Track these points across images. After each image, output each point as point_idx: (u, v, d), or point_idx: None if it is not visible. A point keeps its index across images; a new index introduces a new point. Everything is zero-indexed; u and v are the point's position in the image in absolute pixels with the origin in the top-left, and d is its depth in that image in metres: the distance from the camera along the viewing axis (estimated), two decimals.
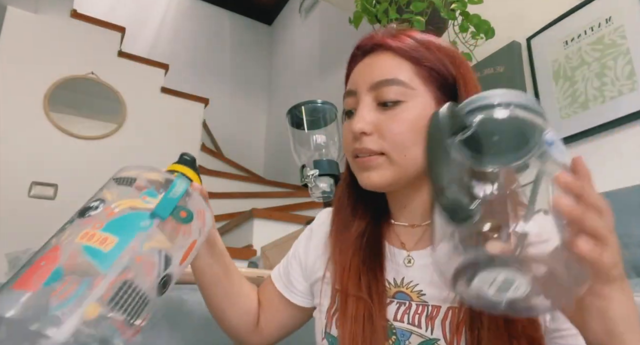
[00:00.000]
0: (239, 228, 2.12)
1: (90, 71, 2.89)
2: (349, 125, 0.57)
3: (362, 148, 0.55)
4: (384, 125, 0.54)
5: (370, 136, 0.54)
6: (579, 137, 1.37)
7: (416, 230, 0.60)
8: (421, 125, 0.52)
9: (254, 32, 4.60)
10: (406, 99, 0.54)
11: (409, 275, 0.57)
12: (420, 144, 0.53)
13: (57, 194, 2.59)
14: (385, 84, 0.54)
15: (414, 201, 0.59)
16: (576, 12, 1.44)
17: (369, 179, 0.55)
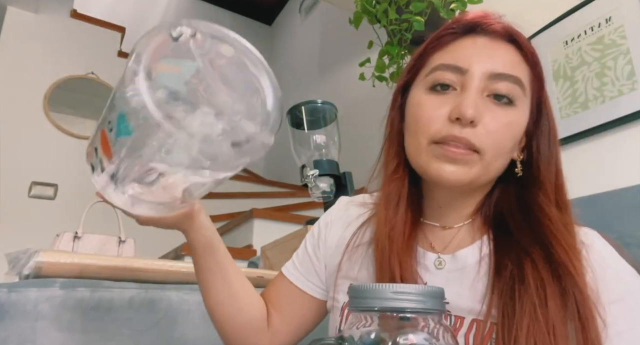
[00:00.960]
0: (239, 228, 2.12)
1: (90, 71, 2.89)
2: (441, 102, 0.50)
3: (463, 137, 0.47)
4: (493, 123, 0.48)
5: (476, 129, 0.48)
6: (579, 137, 1.36)
7: (447, 233, 0.56)
8: (518, 134, 0.51)
9: (254, 32, 4.60)
10: (518, 103, 0.50)
11: (435, 278, 0.53)
12: (510, 153, 0.51)
13: (57, 194, 2.59)
14: (507, 79, 0.49)
15: (455, 202, 0.55)
16: (576, 12, 1.44)
17: (453, 173, 0.48)
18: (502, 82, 0.49)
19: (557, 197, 0.52)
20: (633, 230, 0.87)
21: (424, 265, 0.55)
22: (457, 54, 0.51)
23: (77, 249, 1.31)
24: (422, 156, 0.50)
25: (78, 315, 0.71)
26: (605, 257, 0.48)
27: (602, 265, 0.47)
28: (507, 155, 0.51)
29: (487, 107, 0.49)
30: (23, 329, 0.66)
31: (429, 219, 0.57)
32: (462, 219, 0.56)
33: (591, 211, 1.02)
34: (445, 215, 0.56)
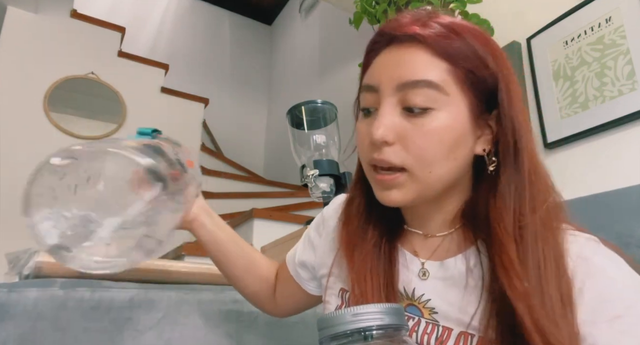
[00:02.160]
0: (239, 228, 2.12)
1: (90, 71, 2.89)
2: (366, 127, 0.50)
3: (381, 159, 0.47)
4: (409, 136, 0.46)
5: (392, 147, 0.47)
6: (579, 137, 1.36)
7: (431, 241, 0.54)
8: (451, 137, 0.46)
9: (254, 32, 4.60)
10: (437, 106, 0.46)
11: (421, 287, 0.52)
12: (447, 159, 0.47)
13: None
14: (415, 86, 0.46)
15: (433, 213, 0.54)
16: (576, 12, 1.44)
17: (389, 197, 0.48)
18: (411, 91, 0.46)
19: (530, 195, 0.48)
20: (633, 230, 0.87)
21: (410, 269, 0.54)
22: (373, 74, 0.50)
23: None
24: (371, 183, 0.52)
25: (78, 315, 0.71)
26: (606, 270, 0.44)
27: (600, 280, 0.43)
28: (446, 162, 0.47)
29: (405, 121, 0.47)
30: (23, 329, 0.66)
31: (411, 227, 0.56)
32: (445, 228, 0.53)
33: (591, 211, 1.01)
34: (428, 225, 0.54)
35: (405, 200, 0.48)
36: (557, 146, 1.43)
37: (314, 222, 0.70)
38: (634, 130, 1.25)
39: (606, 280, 0.43)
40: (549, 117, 1.46)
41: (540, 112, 1.49)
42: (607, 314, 0.41)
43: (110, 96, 2.92)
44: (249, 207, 2.14)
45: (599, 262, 0.44)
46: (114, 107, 2.92)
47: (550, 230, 0.46)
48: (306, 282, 0.68)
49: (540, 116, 1.49)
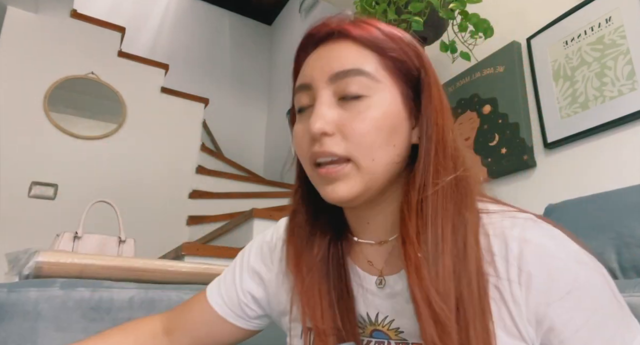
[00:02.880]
0: (239, 228, 2.12)
1: (90, 71, 2.89)
2: (303, 125, 0.49)
3: (323, 151, 0.46)
4: (348, 124, 0.46)
5: (332, 137, 0.46)
6: (579, 137, 1.36)
7: (384, 248, 0.52)
8: (388, 123, 0.46)
9: (254, 32, 4.60)
10: (371, 94, 0.46)
11: (382, 306, 0.49)
12: (387, 145, 0.47)
13: (57, 194, 2.59)
14: (348, 75, 0.46)
15: (379, 215, 0.51)
16: (576, 12, 1.44)
17: (335, 192, 0.46)
18: (345, 80, 0.46)
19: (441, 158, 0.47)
20: (633, 230, 0.87)
21: (365, 288, 0.51)
22: (304, 73, 0.51)
23: (77, 249, 1.31)
24: (316, 184, 0.49)
25: (78, 315, 0.71)
26: (550, 249, 0.43)
27: (546, 261, 0.42)
28: (387, 149, 0.47)
29: (341, 110, 0.47)
30: (23, 329, 0.66)
31: (361, 237, 0.53)
32: (395, 228, 0.50)
33: (591, 211, 1.01)
34: (377, 231, 0.52)
35: (352, 193, 0.46)
36: (557, 146, 1.43)
37: (254, 252, 0.62)
38: (634, 130, 1.25)
39: (552, 259, 0.43)
40: (549, 117, 1.46)
41: (540, 112, 1.49)
42: (558, 292, 0.41)
43: (110, 96, 2.92)
44: (249, 207, 2.14)
45: (542, 242, 0.44)
46: (114, 107, 2.92)
47: (452, 203, 0.45)
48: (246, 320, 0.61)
49: (540, 116, 1.49)
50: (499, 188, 1.61)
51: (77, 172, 2.67)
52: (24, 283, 0.71)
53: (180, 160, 3.06)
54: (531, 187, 1.49)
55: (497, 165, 1.58)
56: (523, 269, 0.42)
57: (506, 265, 0.43)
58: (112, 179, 2.74)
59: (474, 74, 1.76)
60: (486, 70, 1.70)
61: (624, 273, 0.84)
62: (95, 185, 2.64)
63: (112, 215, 1.46)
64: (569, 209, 1.08)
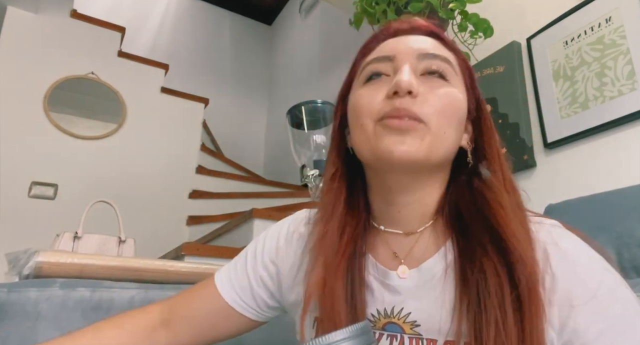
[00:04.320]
0: (239, 228, 2.12)
1: (90, 71, 2.89)
2: (374, 89, 0.48)
3: (402, 108, 0.45)
4: (431, 93, 0.47)
5: (415, 99, 0.46)
6: (579, 137, 1.36)
7: (410, 239, 0.51)
8: (460, 109, 0.49)
9: (254, 32, 4.60)
10: (450, 80, 0.49)
11: (401, 300, 0.49)
12: (457, 127, 0.49)
13: (57, 194, 2.59)
14: (436, 58, 0.49)
15: (415, 203, 0.51)
16: (576, 12, 1.44)
17: (404, 143, 0.45)
18: (431, 61, 0.49)
19: (505, 179, 0.50)
20: (633, 230, 0.87)
21: (385, 284, 0.50)
22: (384, 48, 0.52)
23: (77, 249, 1.31)
24: (371, 140, 0.47)
25: (78, 315, 0.71)
26: (575, 254, 0.45)
27: (571, 264, 0.44)
28: (455, 130, 0.48)
29: (423, 82, 0.48)
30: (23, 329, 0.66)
31: (388, 226, 0.52)
32: (424, 220, 0.51)
33: (591, 211, 1.01)
34: (405, 218, 0.51)
35: (418, 152, 0.45)
36: (557, 146, 1.43)
37: (269, 243, 0.60)
38: (634, 130, 1.25)
39: (576, 264, 0.44)
40: (549, 117, 1.46)
41: (540, 112, 1.49)
42: (583, 296, 0.42)
43: (110, 96, 2.92)
44: (249, 207, 2.14)
45: (568, 247, 0.45)
46: (114, 107, 2.92)
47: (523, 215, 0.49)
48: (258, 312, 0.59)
49: (540, 116, 1.49)
50: None
51: (77, 172, 2.67)
52: (24, 283, 0.71)
53: (180, 160, 3.06)
54: (531, 187, 1.49)
55: None
56: (548, 272, 0.43)
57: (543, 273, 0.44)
58: (112, 179, 2.74)
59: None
60: (486, 70, 1.70)
61: (624, 273, 0.84)
62: (95, 185, 2.64)
63: (112, 215, 1.46)
64: (569, 209, 1.08)
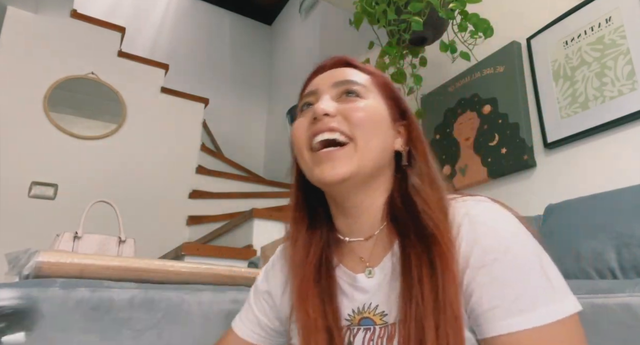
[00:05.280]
0: (239, 228, 2.12)
1: (90, 71, 2.89)
2: (304, 118, 0.58)
3: (325, 126, 0.54)
4: (347, 111, 0.55)
5: (334, 118, 0.54)
6: (579, 137, 1.36)
7: (369, 242, 0.58)
8: (378, 117, 0.56)
9: (254, 32, 4.60)
10: (364, 96, 0.57)
11: (371, 297, 0.55)
12: (380, 135, 0.55)
13: (57, 194, 2.58)
14: (346, 83, 0.57)
15: (366, 213, 0.57)
16: (576, 12, 1.44)
17: (334, 169, 0.52)
18: (345, 86, 0.57)
19: (428, 176, 0.56)
20: (633, 230, 0.87)
21: (356, 287, 0.56)
22: (311, 84, 0.61)
23: (77, 249, 1.31)
24: (309, 167, 0.56)
25: (78, 315, 0.71)
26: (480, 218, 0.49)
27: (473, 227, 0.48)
28: (379, 137, 0.55)
29: (341, 102, 0.56)
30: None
31: (352, 236, 0.59)
32: (378, 223, 0.57)
33: (591, 211, 1.01)
34: (362, 226, 0.58)
35: (347, 172, 0.52)
36: (557, 146, 1.43)
37: (261, 278, 0.70)
38: (634, 130, 1.25)
39: (481, 226, 0.48)
40: (549, 117, 1.46)
41: (540, 112, 1.49)
42: (483, 258, 0.46)
43: (110, 96, 2.91)
44: (249, 207, 2.14)
45: (477, 213, 0.50)
46: (114, 107, 2.92)
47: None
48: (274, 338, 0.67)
49: (540, 116, 1.49)
50: (499, 188, 1.61)
51: (77, 172, 2.67)
52: (24, 283, 0.71)
53: (180, 160, 3.06)
54: (531, 187, 1.49)
55: (497, 165, 1.58)
56: (458, 235, 0.49)
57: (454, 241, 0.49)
58: (112, 179, 2.74)
59: (474, 74, 1.76)
60: (486, 70, 1.70)
61: (624, 273, 0.84)
62: (95, 185, 2.64)
63: (112, 215, 1.46)
64: (569, 209, 1.08)
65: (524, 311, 0.42)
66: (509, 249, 0.46)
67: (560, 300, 0.43)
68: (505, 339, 0.42)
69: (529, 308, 0.42)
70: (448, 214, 0.51)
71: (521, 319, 0.42)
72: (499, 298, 0.44)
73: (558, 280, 0.45)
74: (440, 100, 1.91)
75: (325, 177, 0.53)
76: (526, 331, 0.42)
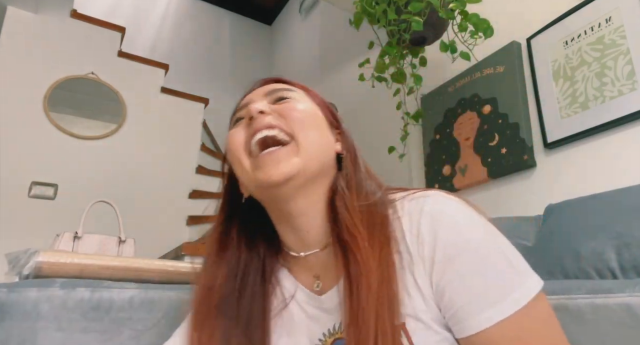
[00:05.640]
0: None
1: (90, 71, 2.89)
2: (239, 127, 0.57)
3: (262, 124, 0.52)
4: (284, 110, 0.54)
5: (270, 115, 0.53)
6: (579, 137, 1.37)
7: (327, 252, 0.54)
8: (313, 115, 0.56)
9: (254, 32, 4.60)
10: (297, 98, 0.57)
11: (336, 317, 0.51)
12: (318, 129, 0.55)
13: (57, 194, 2.59)
14: (280, 91, 0.57)
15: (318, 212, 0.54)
16: (576, 12, 1.44)
17: (278, 168, 0.50)
18: (277, 93, 0.57)
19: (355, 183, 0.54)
20: (633, 230, 0.87)
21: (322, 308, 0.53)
22: (243, 100, 0.61)
23: (77, 249, 1.31)
24: (250, 172, 0.52)
25: (78, 315, 0.71)
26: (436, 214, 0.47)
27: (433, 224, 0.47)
28: (318, 132, 0.54)
29: (276, 106, 0.55)
30: (23, 329, 0.66)
31: (306, 250, 0.55)
32: (328, 235, 0.54)
33: (591, 211, 1.01)
34: (314, 236, 0.54)
35: (295, 168, 0.50)
36: (557, 146, 1.43)
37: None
38: (634, 130, 1.25)
39: (444, 223, 0.46)
40: (549, 117, 1.46)
41: (540, 112, 1.49)
42: (450, 255, 0.45)
43: (110, 96, 2.91)
44: None
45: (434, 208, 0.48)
46: (114, 107, 2.92)
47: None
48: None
49: (540, 116, 1.49)
50: (498, 188, 1.61)
51: (77, 172, 2.67)
52: (24, 283, 0.71)
53: (180, 160, 3.06)
54: (531, 187, 1.49)
55: (497, 165, 1.58)
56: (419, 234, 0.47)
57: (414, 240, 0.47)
58: (112, 179, 2.74)
59: (474, 74, 1.76)
60: (486, 70, 1.70)
61: (624, 273, 0.84)
62: (95, 185, 2.64)
63: (112, 215, 1.46)
64: (569, 209, 1.08)
65: (496, 302, 0.42)
66: (469, 242, 0.45)
67: (526, 281, 0.44)
68: (483, 335, 0.42)
69: (499, 298, 0.42)
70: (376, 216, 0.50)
71: (494, 311, 0.42)
72: (469, 293, 0.43)
73: (518, 261, 0.45)
74: (440, 100, 1.91)
75: (271, 176, 0.50)
76: (502, 322, 0.41)
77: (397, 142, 1.88)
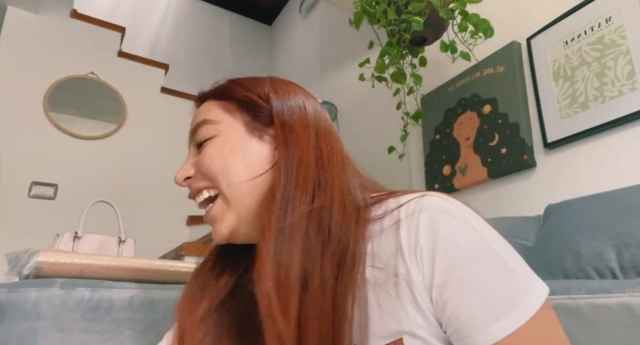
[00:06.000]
0: None
1: (90, 71, 2.89)
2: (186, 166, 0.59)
3: (193, 189, 0.56)
4: (199, 165, 0.55)
5: (194, 178, 0.56)
6: (579, 137, 1.36)
7: None
8: (229, 147, 0.54)
9: (254, 32, 4.60)
10: (216, 133, 0.55)
11: None
12: (237, 167, 0.53)
13: (57, 194, 2.59)
14: (197, 128, 0.57)
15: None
16: (576, 12, 1.44)
17: (217, 232, 0.54)
18: (197, 133, 0.57)
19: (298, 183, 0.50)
20: (633, 230, 0.87)
21: None
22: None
23: (77, 249, 1.31)
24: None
25: (78, 315, 0.71)
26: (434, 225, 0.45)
27: (431, 231, 0.44)
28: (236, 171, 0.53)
29: (197, 157, 0.56)
30: (23, 329, 0.66)
31: None
32: None
33: (591, 211, 1.01)
34: None
35: (229, 228, 0.53)
36: (557, 146, 1.43)
37: None
38: (634, 130, 1.25)
39: (442, 230, 0.44)
40: (549, 117, 1.46)
41: (540, 112, 1.49)
42: (452, 266, 0.43)
43: (110, 96, 2.92)
44: None
45: (428, 216, 0.45)
46: (114, 107, 2.92)
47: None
48: None
49: (540, 116, 1.49)
50: (499, 188, 1.61)
51: (77, 172, 2.67)
52: (24, 283, 0.71)
53: (180, 160, 3.05)
54: (531, 187, 1.49)
55: (497, 165, 1.58)
56: (417, 247, 0.44)
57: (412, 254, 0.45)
58: (112, 179, 2.74)
59: (474, 74, 1.76)
60: (486, 70, 1.70)
61: (624, 273, 0.84)
62: (95, 185, 2.64)
63: (112, 215, 1.46)
64: (569, 209, 1.08)
65: (501, 316, 0.40)
66: (470, 255, 0.43)
67: (532, 291, 0.42)
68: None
69: (505, 312, 0.41)
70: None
71: (500, 326, 0.40)
72: (472, 308, 0.41)
73: (521, 268, 0.44)
74: (440, 100, 1.91)
75: (216, 238, 0.54)
76: (509, 337, 0.40)
77: (397, 142, 1.88)
